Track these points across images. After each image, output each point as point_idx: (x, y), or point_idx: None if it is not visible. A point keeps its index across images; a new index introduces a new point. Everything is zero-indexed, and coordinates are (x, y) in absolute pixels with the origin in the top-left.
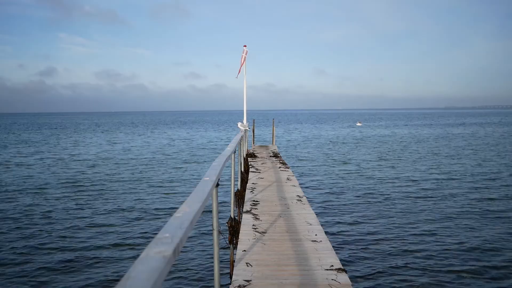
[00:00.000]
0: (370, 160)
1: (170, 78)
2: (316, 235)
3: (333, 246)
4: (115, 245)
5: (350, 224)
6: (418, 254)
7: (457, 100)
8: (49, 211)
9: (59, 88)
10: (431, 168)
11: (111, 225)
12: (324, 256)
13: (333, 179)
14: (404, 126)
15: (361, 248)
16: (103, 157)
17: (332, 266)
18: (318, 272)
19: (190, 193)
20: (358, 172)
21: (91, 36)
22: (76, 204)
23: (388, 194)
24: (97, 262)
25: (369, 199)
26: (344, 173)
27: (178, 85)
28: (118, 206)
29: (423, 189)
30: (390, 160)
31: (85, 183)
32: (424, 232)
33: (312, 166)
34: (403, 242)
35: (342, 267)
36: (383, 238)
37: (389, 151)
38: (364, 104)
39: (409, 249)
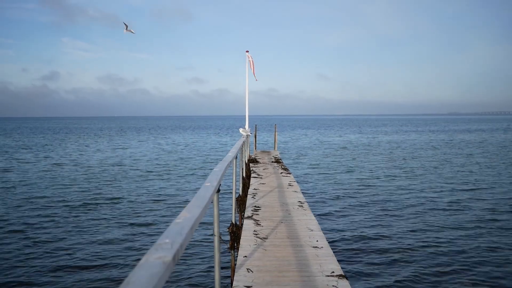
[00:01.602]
0: (374, 167)
1: (173, 83)
2: (317, 241)
3: (334, 253)
4: (115, 250)
5: (351, 230)
6: (421, 263)
7: (461, 106)
8: (51, 218)
9: (62, 93)
10: (436, 176)
11: (111, 231)
12: (325, 262)
13: (335, 185)
14: (412, 132)
15: (363, 255)
16: (106, 163)
17: (333, 272)
18: (319, 278)
19: (191, 199)
20: (361, 179)
21: (94, 40)
22: (78, 210)
23: (391, 202)
24: (98, 267)
25: (371, 207)
26: (346, 180)
27: (181, 90)
28: (119, 211)
29: (427, 197)
30: (394, 167)
31: (87, 189)
32: (427, 241)
33: (314, 172)
34: (405, 250)
35: (343, 274)
36: (385, 245)
37: (393, 159)
38: (366, 110)
39: (412, 257)
